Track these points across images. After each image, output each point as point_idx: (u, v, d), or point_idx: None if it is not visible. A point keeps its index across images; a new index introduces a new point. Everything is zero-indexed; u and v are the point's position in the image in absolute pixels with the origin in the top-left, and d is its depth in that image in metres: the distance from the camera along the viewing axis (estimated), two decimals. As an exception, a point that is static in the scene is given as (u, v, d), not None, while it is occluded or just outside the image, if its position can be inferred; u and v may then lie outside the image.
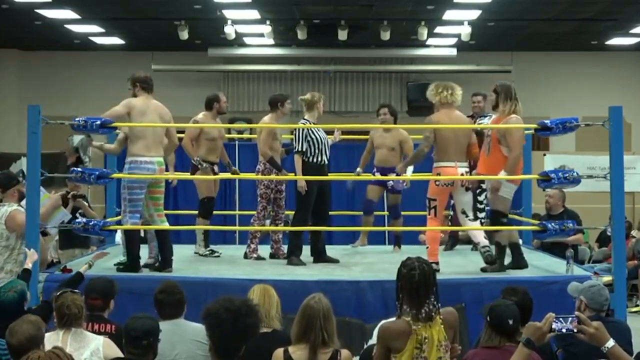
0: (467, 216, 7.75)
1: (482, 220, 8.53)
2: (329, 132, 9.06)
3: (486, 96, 9.22)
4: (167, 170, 8.21)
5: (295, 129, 8.44)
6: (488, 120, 8.74)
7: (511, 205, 8.24)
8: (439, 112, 7.83)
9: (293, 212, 8.54)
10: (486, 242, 7.65)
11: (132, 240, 7.75)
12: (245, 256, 8.72)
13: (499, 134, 7.68)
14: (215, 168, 9.06)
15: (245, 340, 3.79)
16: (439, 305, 4.41)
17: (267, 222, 9.10)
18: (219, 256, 8.95)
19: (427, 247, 7.74)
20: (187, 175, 9.21)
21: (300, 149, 8.27)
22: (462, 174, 7.66)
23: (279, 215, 8.89)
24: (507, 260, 7.94)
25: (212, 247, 9.20)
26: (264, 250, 8.89)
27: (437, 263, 7.45)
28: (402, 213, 9.77)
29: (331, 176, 9.15)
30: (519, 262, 7.86)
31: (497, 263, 7.68)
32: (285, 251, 8.55)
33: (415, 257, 4.55)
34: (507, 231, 7.88)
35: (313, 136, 8.27)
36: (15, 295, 5.54)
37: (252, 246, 8.74)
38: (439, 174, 7.67)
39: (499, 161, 7.63)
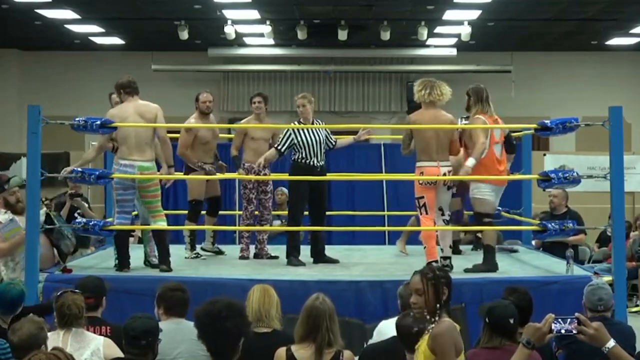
0: (442, 214, 7.80)
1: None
2: (348, 133, 8.90)
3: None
4: (158, 170, 8.11)
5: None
6: (465, 122, 8.78)
7: (499, 205, 8.30)
8: (418, 111, 7.86)
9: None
10: (448, 253, 7.71)
11: (119, 240, 7.79)
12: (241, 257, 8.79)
13: (465, 136, 7.91)
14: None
15: (231, 342, 3.76)
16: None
17: (277, 222, 9.11)
18: (205, 258, 8.86)
19: (425, 247, 7.71)
20: (181, 175, 9.09)
21: (277, 147, 8.32)
22: (444, 174, 7.69)
23: (264, 216, 8.86)
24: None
25: (218, 246, 9.19)
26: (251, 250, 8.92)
27: (436, 261, 7.47)
28: (397, 213, 9.76)
29: (323, 177, 9.01)
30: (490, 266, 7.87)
31: (486, 263, 7.75)
32: (269, 252, 8.69)
33: (434, 266, 4.45)
34: (493, 232, 7.94)
35: (299, 138, 8.25)
36: (19, 289, 5.62)
37: (242, 246, 8.83)
38: (422, 174, 7.70)
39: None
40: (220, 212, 9.56)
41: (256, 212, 8.87)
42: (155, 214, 7.76)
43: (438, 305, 4.16)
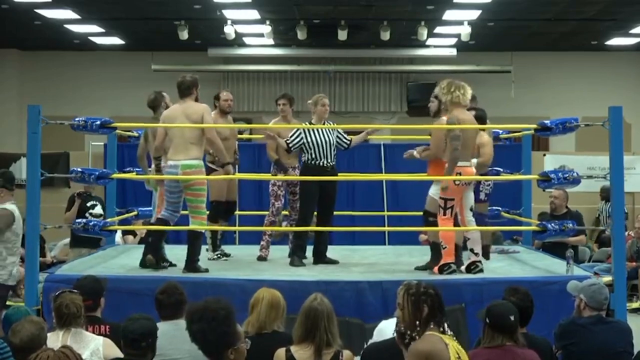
0: (473, 215, 7.75)
1: None
2: (348, 133, 8.87)
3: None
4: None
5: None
6: None
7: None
8: (459, 110, 7.56)
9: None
10: (479, 257, 7.60)
11: (190, 241, 7.67)
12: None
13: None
14: (230, 168, 9.00)
15: (213, 344, 3.75)
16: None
17: (285, 223, 9.09)
18: (227, 260, 8.74)
19: (445, 248, 7.50)
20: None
21: (287, 141, 8.32)
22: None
23: (292, 217, 8.85)
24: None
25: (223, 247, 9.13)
26: (283, 250, 8.89)
27: (454, 263, 7.45)
28: (397, 213, 9.67)
29: (329, 177, 9.02)
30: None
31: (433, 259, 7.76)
32: None
33: (422, 283, 4.32)
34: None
35: (309, 139, 8.27)
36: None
37: (262, 243, 8.78)
38: (459, 174, 7.44)
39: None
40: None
41: (285, 212, 8.91)
42: (194, 214, 7.66)
43: (417, 322, 4.11)
